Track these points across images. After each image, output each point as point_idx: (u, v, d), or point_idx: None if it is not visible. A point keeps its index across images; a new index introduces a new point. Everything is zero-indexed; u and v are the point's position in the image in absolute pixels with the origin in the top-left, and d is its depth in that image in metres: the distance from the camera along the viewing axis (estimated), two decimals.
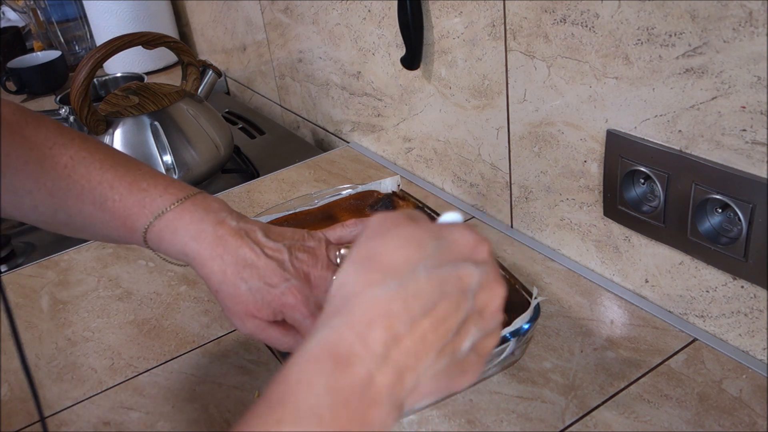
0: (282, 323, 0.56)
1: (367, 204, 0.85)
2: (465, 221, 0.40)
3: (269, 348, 0.70)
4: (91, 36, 1.73)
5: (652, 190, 0.66)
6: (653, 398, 0.60)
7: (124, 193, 0.56)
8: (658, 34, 0.58)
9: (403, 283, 0.35)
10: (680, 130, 0.60)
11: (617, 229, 0.71)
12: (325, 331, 0.35)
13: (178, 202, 0.56)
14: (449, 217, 0.41)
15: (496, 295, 0.39)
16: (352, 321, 0.35)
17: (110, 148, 0.60)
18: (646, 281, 0.71)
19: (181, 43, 1.06)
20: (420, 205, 0.81)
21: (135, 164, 0.58)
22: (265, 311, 0.54)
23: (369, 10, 0.96)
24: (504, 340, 0.59)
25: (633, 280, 0.72)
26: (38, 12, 1.78)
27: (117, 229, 0.57)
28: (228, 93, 1.67)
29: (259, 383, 0.68)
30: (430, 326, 0.35)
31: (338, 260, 0.58)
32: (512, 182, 0.83)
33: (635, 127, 0.64)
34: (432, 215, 0.79)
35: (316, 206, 0.84)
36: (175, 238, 0.55)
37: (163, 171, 1.02)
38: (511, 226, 0.87)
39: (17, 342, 0.43)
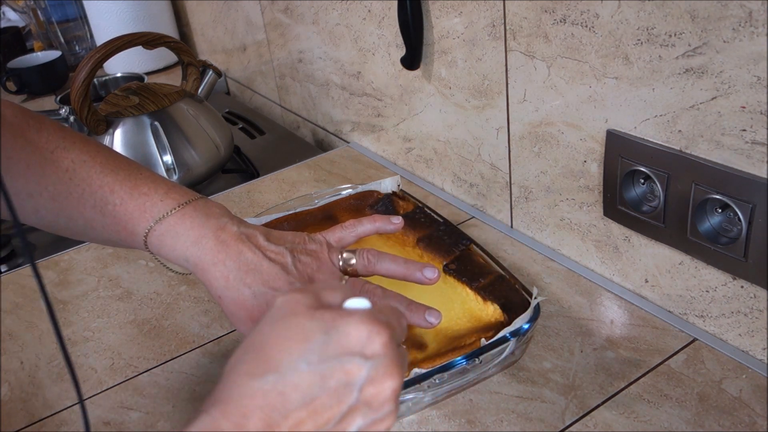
0: None
1: (367, 204, 0.85)
2: (369, 309, 0.40)
3: None
4: (91, 36, 1.73)
5: (652, 190, 0.66)
6: (653, 398, 0.60)
7: (125, 198, 0.56)
8: (658, 34, 0.58)
9: (282, 376, 0.36)
10: (680, 130, 0.60)
11: (617, 229, 0.71)
12: (204, 418, 0.36)
13: (179, 206, 0.56)
14: (356, 303, 0.41)
15: (386, 387, 0.39)
16: (230, 411, 0.36)
17: (111, 151, 0.60)
18: (646, 281, 0.71)
19: (181, 43, 1.06)
20: (420, 204, 0.81)
21: (136, 168, 0.58)
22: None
23: (369, 10, 0.96)
24: (504, 340, 0.59)
25: (633, 280, 0.72)
26: (38, 12, 1.78)
27: (118, 233, 0.57)
28: (228, 93, 1.67)
29: None
30: (307, 416, 0.37)
31: (340, 263, 0.58)
32: (512, 182, 0.83)
33: (635, 127, 0.64)
34: (430, 218, 0.79)
35: (316, 206, 0.84)
36: (177, 243, 0.55)
37: (163, 171, 1.02)
38: (511, 226, 0.87)
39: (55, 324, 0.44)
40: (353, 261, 0.58)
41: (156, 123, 1.02)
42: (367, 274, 0.59)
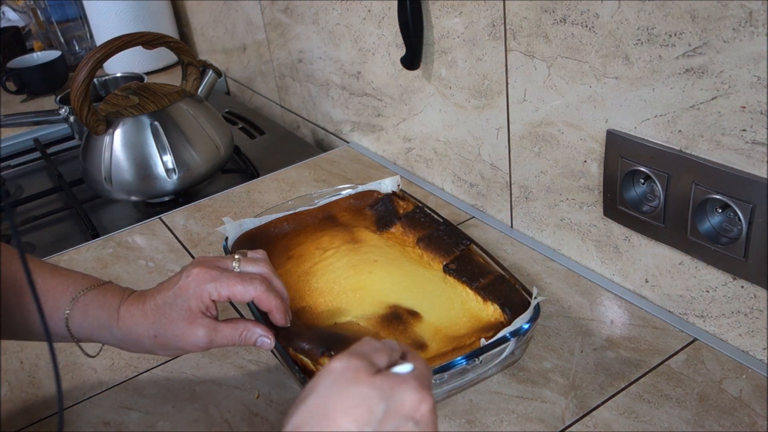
0: (227, 321, 0.60)
1: (366, 204, 0.85)
2: (412, 371, 0.45)
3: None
4: (91, 36, 1.73)
5: (652, 190, 0.66)
6: (653, 398, 0.60)
7: (47, 277, 0.61)
8: (658, 34, 0.58)
9: None
10: (680, 130, 0.60)
11: (617, 229, 0.71)
12: None
13: (100, 284, 0.61)
14: (402, 368, 0.45)
15: None
16: None
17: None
18: (646, 281, 0.71)
19: (181, 43, 1.06)
20: (420, 204, 0.81)
21: (49, 263, 0.63)
22: (195, 301, 0.57)
23: (369, 10, 0.96)
24: (504, 340, 0.59)
25: (633, 280, 0.72)
26: (38, 12, 1.78)
27: (35, 312, 0.59)
28: (228, 93, 1.67)
29: (259, 383, 0.68)
30: None
31: (235, 265, 0.60)
32: (512, 182, 0.83)
33: (635, 127, 0.64)
34: (430, 218, 0.79)
35: (316, 206, 0.84)
36: (101, 310, 0.60)
37: (163, 171, 1.02)
38: (511, 226, 0.87)
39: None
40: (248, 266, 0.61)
41: (156, 123, 1.02)
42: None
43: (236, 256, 0.61)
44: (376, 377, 0.43)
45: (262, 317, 0.64)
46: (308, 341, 0.62)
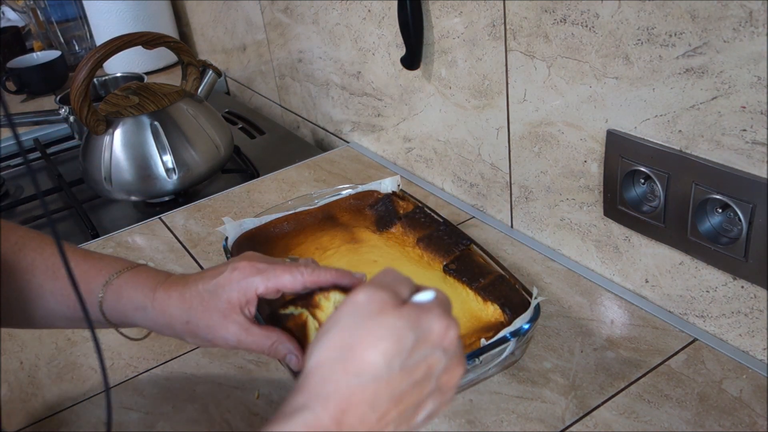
0: (262, 326, 0.57)
1: (367, 204, 0.85)
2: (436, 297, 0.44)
3: None
4: (91, 36, 1.73)
5: (652, 190, 0.66)
6: (653, 398, 0.60)
7: (79, 261, 0.59)
8: (658, 34, 0.58)
9: (379, 375, 0.40)
10: (680, 130, 0.60)
11: (617, 229, 0.71)
12: (307, 414, 0.39)
13: (133, 267, 0.59)
14: (425, 296, 0.44)
15: (456, 375, 0.44)
16: (330, 407, 0.39)
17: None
18: (646, 281, 0.71)
19: (181, 43, 1.06)
20: (420, 204, 0.81)
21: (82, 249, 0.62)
22: (237, 294, 0.55)
23: (369, 10, 0.96)
24: (504, 340, 0.59)
25: (633, 280, 0.72)
26: (38, 12, 1.78)
27: (69, 297, 0.58)
28: (228, 93, 1.67)
29: (259, 383, 0.68)
30: (393, 408, 0.41)
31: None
32: (512, 182, 0.83)
33: (635, 127, 0.64)
34: (430, 218, 0.79)
35: (316, 206, 0.84)
36: (136, 291, 0.57)
37: (163, 171, 1.02)
38: (511, 226, 0.87)
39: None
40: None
41: (156, 123, 1.02)
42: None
43: (286, 259, 0.59)
44: (402, 308, 0.41)
45: None
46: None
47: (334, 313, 0.42)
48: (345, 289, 0.56)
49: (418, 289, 0.45)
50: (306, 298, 0.58)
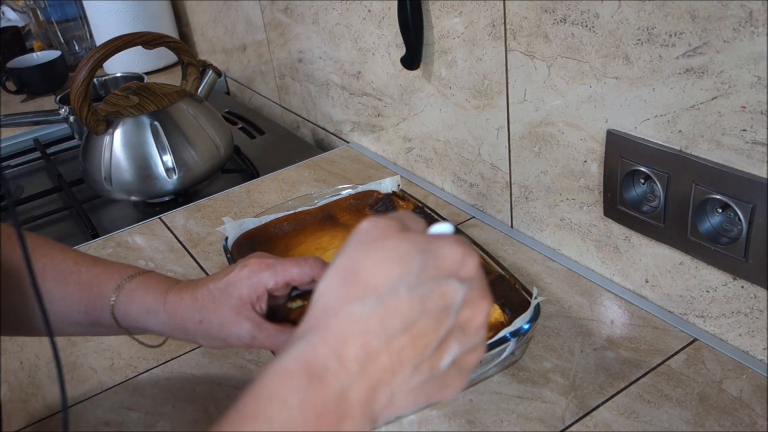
0: (275, 324, 0.57)
1: (366, 204, 0.85)
2: (456, 231, 0.39)
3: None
4: (91, 36, 1.73)
5: (652, 190, 0.66)
6: (653, 398, 0.60)
7: (90, 266, 0.59)
8: (659, 34, 0.58)
9: (382, 300, 0.35)
10: (680, 130, 0.60)
11: (617, 229, 0.71)
12: (301, 345, 0.35)
13: (144, 272, 0.59)
14: (440, 228, 0.40)
15: (480, 311, 0.38)
16: (328, 337, 0.35)
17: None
18: (646, 281, 0.71)
19: (181, 43, 1.06)
20: (420, 204, 0.81)
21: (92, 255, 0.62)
22: (248, 290, 0.55)
23: (369, 10, 0.96)
24: (504, 340, 0.59)
25: (633, 280, 0.72)
26: (38, 12, 1.78)
27: (80, 301, 0.58)
28: (228, 93, 1.66)
29: None
30: (408, 342, 0.35)
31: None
32: (512, 182, 0.83)
33: (635, 127, 0.64)
34: (430, 217, 0.79)
35: (316, 206, 0.84)
36: (147, 295, 0.57)
37: (163, 171, 1.02)
38: (511, 226, 0.87)
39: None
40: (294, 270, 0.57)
41: (156, 123, 1.02)
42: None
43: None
44: (408, 233, 0.38)
45: None
46: None
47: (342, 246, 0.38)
48: None
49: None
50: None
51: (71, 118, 1.24)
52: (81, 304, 0.58)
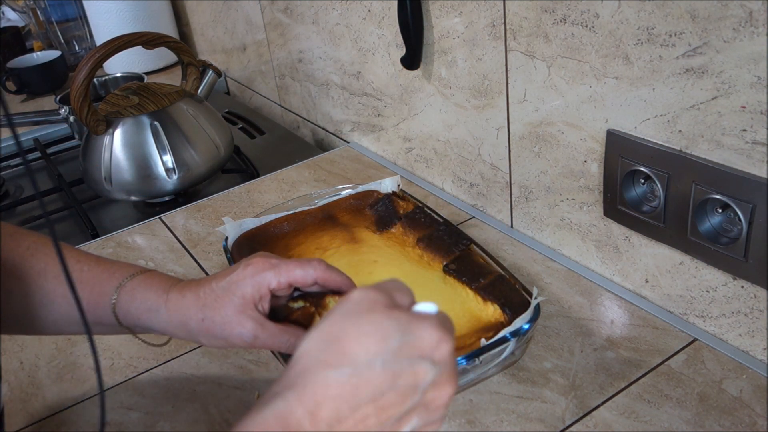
0: (278, 323, 0.57)
1: (366, 204, 0.85)
2: (438, 313, 0.42)
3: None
4: (91, 36, 1.73)
5: (652, 190, 0.66)
6: (653, 398, 0.60)
7: (92, 265, 0.59)
8: (659, 34, 0.58)
9: (358, 371, 0.38)
10: (680, 130, 0.60)
11: (617, 229, 0.71)
12: (279, 401, 0.38)
13: (145, 271, 0.59)
14: (425, 307, 0.42)
15: (445, 393, 0.41)
16: (305, 398, 0.38)
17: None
18: (646, 281, 0.71)
19: (181, 43, 1.06)
20: (420, 204, 0.81)
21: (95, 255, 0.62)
22: (251, 289, 0.55)
23: (369, 10, 0.96)
24: (504, 340, 0.59)
25: (633, 280, 0.72)
26: (38, 12, 1.78)
27: (83, 300, 0.57)
28: (228, 93, 1.67)
29: (259, 383, 0.68)
30: (373, 411, 0.39)
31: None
32: (512, 182, 0.83)
33: (635, 127, 0.64)
34: (430, 217, 0.79)
35: (316, 206, 0.84)
36: (149, 293, 0.57)
37: (163, 171, 1.02)
38: (511, 226, 0.87)
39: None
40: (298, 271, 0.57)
41: (156, 123, 1.02)
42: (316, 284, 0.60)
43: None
44: (394, 309, 0.40)
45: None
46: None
47: (329, 311, 0.42)
48: None
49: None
50: (316, 297, 0.58)
51: (71, 118, 1.24)
52: (82, 303, 0.58)
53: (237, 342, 0.56)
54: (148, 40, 0.99)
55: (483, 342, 0.60)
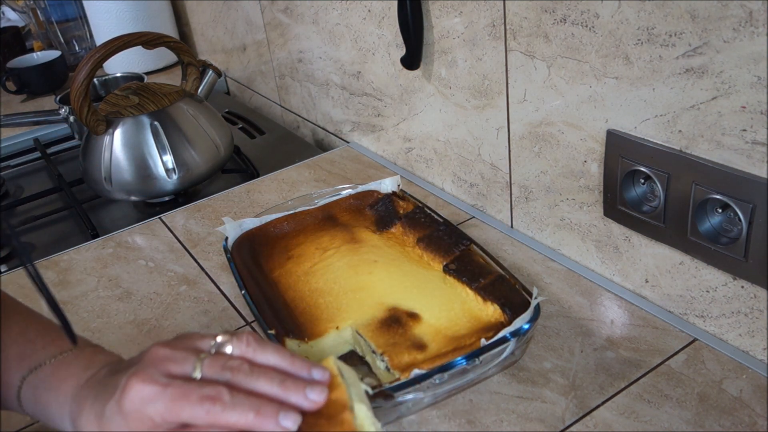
0: None
1: (366, 204, 0.85)
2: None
3: None
4: (91, 36, 1.73)
5: (652, 190, 0.66)
6: (653, 398, 0.60)
7: (8, 343, 0.53)
8: (659, 34, 0.58)
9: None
10: (680, 130, 0.60)
11: (617, 229, 0.71)
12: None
13: (60, 354, 0.52)
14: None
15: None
16: None
17: (12, 300, 0.57)
18: (646, 281, 0.71)
19: (181, 43, 1.06)
20: (420, 204, 0.81)
21: (35, 314, 0.56)
22: (135, 423, 0.46)
23: (369, 10, 0.96)
24: (504, 340, 0.59)
25: (633, 280, 0.72)
26: (38, 12, 1.78)
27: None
28: (228, 93, 1.67)
29: None
30: None
31: (212, 349, 0.50)
32: (512, 182, 0.83)
33: (635, 127, 0.64)
34: (430, 217, 0.79)
35: (316, 206, 0.84)
36: (52, 393, 0.51)
37: (163, 171, 1.02)
38: (511, 226, 0.87)
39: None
40: (229, 347, 0.49)
41: (156, 123, 1.02)
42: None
43: (214, 341, 0.50)
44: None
45: (262, 316, 0.63)
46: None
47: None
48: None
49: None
50: None
51: (71, 118, 1.24)
52: None
53: None
54: (148, 40, 0.99)
55: (483, 342, 0.60)
